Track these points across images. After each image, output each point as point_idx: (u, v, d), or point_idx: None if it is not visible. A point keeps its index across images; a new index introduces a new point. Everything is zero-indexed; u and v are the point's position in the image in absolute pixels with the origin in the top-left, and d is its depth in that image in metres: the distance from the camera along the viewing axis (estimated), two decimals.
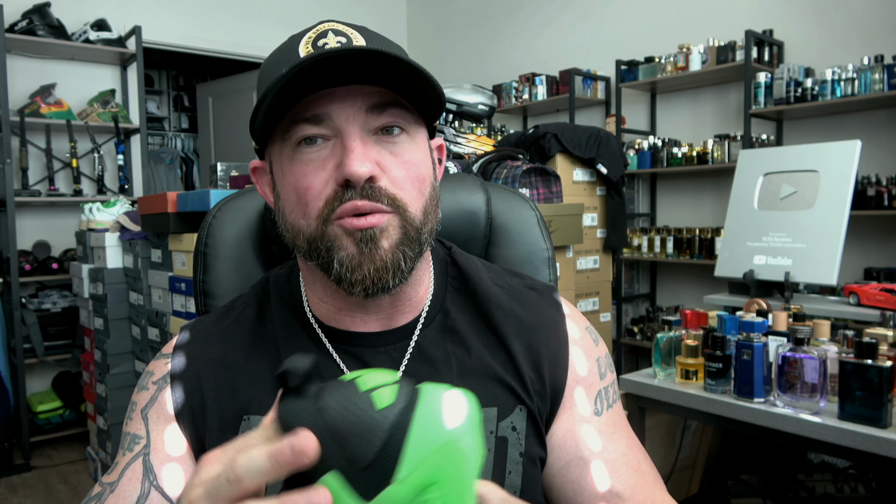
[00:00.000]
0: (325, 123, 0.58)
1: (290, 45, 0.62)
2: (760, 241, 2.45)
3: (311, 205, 0.59)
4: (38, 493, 2.87)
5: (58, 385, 3.52)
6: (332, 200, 0.58)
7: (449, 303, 0.70)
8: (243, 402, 0.63)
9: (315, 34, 0.61)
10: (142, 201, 2.19)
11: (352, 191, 0.58)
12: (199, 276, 0.86)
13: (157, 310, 2.24)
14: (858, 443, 1.29)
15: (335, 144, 0.59)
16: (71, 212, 3.65)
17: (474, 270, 0.73)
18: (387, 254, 0.59)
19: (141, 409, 0.66)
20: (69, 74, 3.74)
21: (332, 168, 0.58)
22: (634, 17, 4.08)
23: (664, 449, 1.99)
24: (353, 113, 0.58)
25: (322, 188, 0.59)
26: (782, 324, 1.56)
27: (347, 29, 0.62)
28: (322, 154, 0.59)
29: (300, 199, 0.60)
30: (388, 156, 0.60)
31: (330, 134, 0.59)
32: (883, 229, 3.08)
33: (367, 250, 0.58)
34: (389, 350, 0.66)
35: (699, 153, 3.60)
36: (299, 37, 0.62)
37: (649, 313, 3.94)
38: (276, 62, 0.61)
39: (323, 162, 0.59)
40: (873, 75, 2.90)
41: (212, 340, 0.68)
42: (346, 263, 0.59)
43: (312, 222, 0.60)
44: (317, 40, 0.60)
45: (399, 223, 0.60)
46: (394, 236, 0.60)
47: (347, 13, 5.14)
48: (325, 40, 0.60)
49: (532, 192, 2.21)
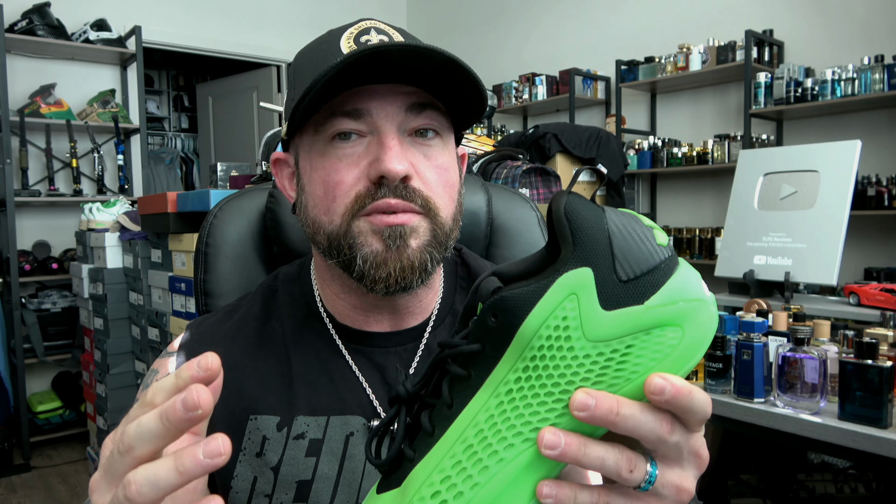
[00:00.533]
0: (363, 119, 0.57)
1: (329, 38, 0.61)
2: (760, 241, 2.45)
3: (339, 200, 0.58)
4: (38, 493, 2.87)
5: (58, 385, 3.52)
6: (363, 196, 0.57)
7: (458, 304, 0.70)
8: (249, 402, 0.63)
9: (357, 30, 0.60)
10: (142, 201, 2.19)
11: (385, 189, 0.57)
12: (199, 275, 0.86)
13: (157, 310, 2.24)
14: (858, 443, 1.29)
15: (370, 142, 0.58)
16: (71, 212, 3.65)
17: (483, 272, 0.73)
18: (414, 253, 0.58)
19: None
20: (69, 74, 3.74)
21: (365, 165, 0.58)
22: (634, 17, 4.08)
23: None
24: (393, 111, 0.58)
25: (353, 184, 0.58)
26: (782, 324, 1.56)
27: (389, 28, 0.61)
28: (356, 150, 0.58)
29: (328, 194, 0.59)
30: (422, 158, 0.59)
31: (366, 130, 0.58)
32: (883, 229, 3.08)
33: (394, 248, 0.57)
34: (400, 351, 0.65)
35: (699, 153, 3.60)
36: (339, 32, 0.61)
37: None
38: (315, 55, 0.60)
39: (356, 158, 0.58)
40: (873, 75, 2.90)
41: (217, 339, 0.67)
42: (371, 260, 0.58)
43: (337, 218, 0.59)
44: (359, 36, 0.59)
45: (429, 225, 0.59)
46: (423, 237, 0.59)
47: (347, 13, 5.14)
48: (367, 37, 0.59)
49: (532, 192, 2.21)
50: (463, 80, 0.57)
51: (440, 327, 0.68)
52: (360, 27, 0.60)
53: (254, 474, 0.61)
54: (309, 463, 0.61)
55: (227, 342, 0.67)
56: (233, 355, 0.65)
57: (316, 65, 0.58)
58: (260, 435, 0.61)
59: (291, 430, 0.61)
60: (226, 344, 0.66)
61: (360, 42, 0.58)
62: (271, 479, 0.60)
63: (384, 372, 0.64)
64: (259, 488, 0.60)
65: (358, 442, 0.62)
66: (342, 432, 0.62)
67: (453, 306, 0.70)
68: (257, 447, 0.61)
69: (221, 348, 0.66)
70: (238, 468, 0.61)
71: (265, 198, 0.88)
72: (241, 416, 0.62)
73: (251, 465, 0.61)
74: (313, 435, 0.61)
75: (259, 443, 0.61)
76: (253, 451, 0.61)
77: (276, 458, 0.61)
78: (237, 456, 0.61)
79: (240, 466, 0.61)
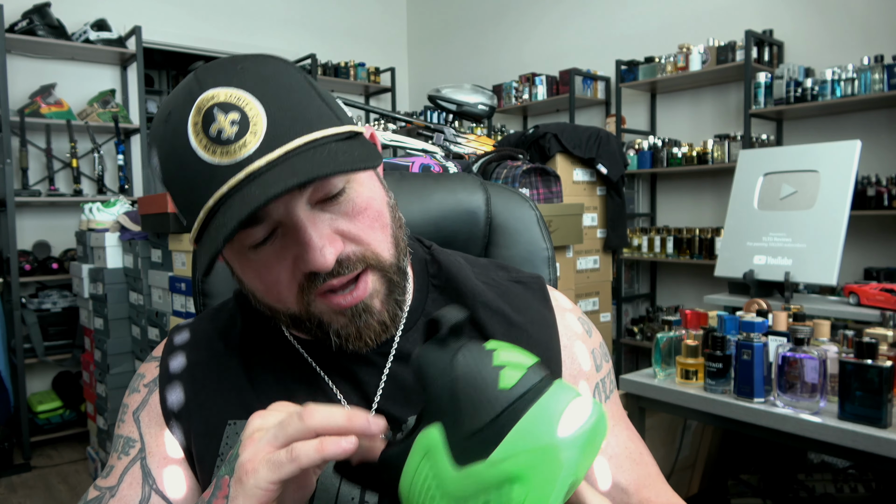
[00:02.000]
0: (266, 221, 0.53)
1: (177, 132, 0.52)
2: (760, 241, 2.45)
3: (285, 293, 0.56)
4: (38, 493, 2.87)
5: (58, 385, 3.52)
6: (306, 287, 0.55)
7: (431, 305, 0.68)
8: (229, 408, 0.63)
9: (199, 118, 0.51)
10: (142, 201, 2.19)
11: (321, 275, 0.55)
12: (198, 275, 0.86)
13: (157, 310, 2.24)
14: (858, 443, 1.29)
15: (284, 233, 0.54)
16: (71, 212, 3.65)
17: (457, 268, 0.70)
18: (382, 313, 0.58)
19: (133, 411, 0.66)
20: (69, 74, 3.74)
21: (291, 259, 0.54)
22: (634, 17, 4.08)
23: (664, 449, 1.98)
24: (293, 205, 0.53)
25: (290, 279, 0.55)
26: (782, 324, 1.56)
27: (234, 94, 0.51)
28: (276, 249, 0.55)
29: (270, 291, 0.57)
30: (340, 219, 0.55)
31: (273, 225, 0.54)
32: (883, 229, 3.08)
33: (362, 322, 0.57)
34: (371, 355, 0.64)
35: (699, 153, 3.60)
36: (181, 119, 0.52)
37: (649, 313, 3.94)
38: (175, 162, 0.53)
39: (281, 256, 0.55)
40: (873, 75, 2.90)
41: (199, 344, 0.67)
42: (343, 334, 0.58)
43: (292, 306, 0.57)
44: (206, 125, 0.50)
45: (380, 276, 0.58)
46: (382, 292, 0.58)
47: (347, 13, 5.14)
48: (214, 124, 0.50)
49: (532, 192, 2.21)
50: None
51: (411, 330, 0.66)
52: (202, 107, 0.51)
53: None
54: None
55: (207, 348, 0.67)
56: (214, 360, 0.66)
57: (181, 177, 0.53)
58: (237, 439, 0.61)
59: None
60: (206, 350, 0.67)
61: (210, 135, 0.50)
62: None
63: (356, 378, 0.64)
64: None
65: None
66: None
67: (425, 308, 0.68)
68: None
69: (203, 353, 0.66)
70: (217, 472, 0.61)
71: None
72: (219, 420, 0.62)
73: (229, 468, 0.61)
74: None
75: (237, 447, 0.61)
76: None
77: None
78: (216, 461, 0.61)
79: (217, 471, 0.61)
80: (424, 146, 2.11)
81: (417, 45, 5.59)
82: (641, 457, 0.68)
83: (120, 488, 0.61)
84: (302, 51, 4.75)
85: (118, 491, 0.61)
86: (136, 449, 0.63)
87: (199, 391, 0.64)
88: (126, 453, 0.63)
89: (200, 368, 0.66)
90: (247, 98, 0.51)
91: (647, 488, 0.66)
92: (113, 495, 0.60)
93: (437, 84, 3.71)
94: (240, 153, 0.50)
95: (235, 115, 0.50)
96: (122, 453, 0.63)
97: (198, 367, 0.66)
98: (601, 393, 0.70)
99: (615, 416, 0.70)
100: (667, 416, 1.88)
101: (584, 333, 0.72)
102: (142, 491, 0.60)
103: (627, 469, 0.66)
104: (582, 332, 0.72)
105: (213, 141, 0.50)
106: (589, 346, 0.71)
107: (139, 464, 0.62)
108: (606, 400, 0.70)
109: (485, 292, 0.69)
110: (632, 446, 0.68)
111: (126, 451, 0.63)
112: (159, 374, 0.66)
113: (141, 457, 0.62)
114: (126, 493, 0.60)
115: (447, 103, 2.31)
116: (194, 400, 0.64)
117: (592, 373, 0.70)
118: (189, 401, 0.64)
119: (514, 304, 0.69)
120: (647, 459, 0.68)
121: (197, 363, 0.66)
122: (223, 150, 0.50)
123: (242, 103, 0.51)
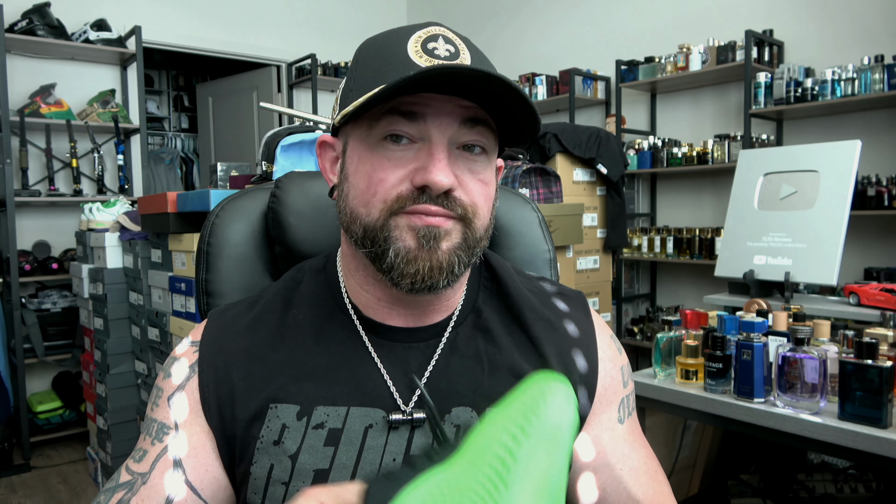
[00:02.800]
0: (417, 123, 0.59)
1: (396, 38, 0.62)
2: (760, 241, 2.45)
3: (380, 196, 0.60)
4: (38, 493, 2.87)
5: (58, 385, 3.52)
6: (404, 198, 0.59)
7: (481, 303, 0.71)
8: (271, 391, 0.63)
9: (426, 35, 0.61)
10: (142, 201, 2.19)
11: (426, 196, 0.59)
12: (201, 275, 0.86)
13: (157, 310, 2.24)
14: (858, 443, 1.29)
15: (420, 148, 0.59)
16: (71, 212, 3.65)
17: (507, 273, 0.74)
18: (444, 255, 0.60)
19: (168, 396, 0.65)
20: (69, 74, 3.74)
21: (411, 169, 0.59)
22: (634, 17, 4.08)
23: (664, 449, 1.99)
24: (447, 122, 0.59)
25: (396, 184, 0.59)
26: (782, 324, 1.56)
27: (455, 38, 0.62)
28: (406, 154, 0.59)
29: (370, 188, 0.60)
30: (467, 172, 0.61)
31: (417, 136, 0.59)
32: (883, 229, 3.08)
33: (426, 247, 0.59)
34: (422, 346, 0.66)
35: (699, 153, 3.61)
36: (406, 33, 0.61)
37: (649, 313, 3.94)
38: (381, 51, 0.61)
39: (405, 161, 0.59)
40: (873, 75, 2.90)
41: (238, 330, 0.68)
42: (403, 255, 0.60)
43: (375, 212, 0.60)
44: (426, 42, 0.60)
45: (462, 230, 0.61)
46: (455, 239, 0.61)
47: (347, 13, 5.14)
48: (434, 44, 0.60)
49: (532, 192, 2.22)
50: (519, 105, 0.58)
51: (462, 325, 0.69)
52: (428, 32, 0.61)
53: (270, 462, 0.61)
54: (327, 452, 0.61)
55: (249, 333, 0.67)
56: (255, 346, 0.66)
57: (380, 62, 0.60)
58: (279, 423, 0.62)
59: (311, 420, 0.62)
60: (248, 335, 0.67)
61: (427, 49, 0.60)
62: (289, 468, 0.61)
63: (405, 366, 0.65)
64: (276, 476, 0.61)
65: (377, 434, 0.62)
66: (361, 423, 0.63)
67: (476, 304, 0.71)
68: (276, 435, 0.62)
69: (244, 339, 0.67)
70: (256, 455, 0.62)
71: (267, 198, 0.88)
72: (262, 404, 0.63)
73: (268, 452, 0.62)
74: (332, 425, 0.62)
75: (278, 431, 0.62)
76: (271, 439, 0.62)
77: (294, 446, 0.61)
78: (255, 444, 0.62)
79: (258, 454, 0.62)
80: None
81: None
82: (657, 474, 0.71)
83: (151, 476, 0.61)
84: (302, 51, 4.75)
85: (149, 479, 0.61)
86: (170, 436, 0.63)
87: (241, 377, 0.65)
88: (160, 440, 0.63)
89: (240, 354, 0.66)
90: (464, 47, 0.62)
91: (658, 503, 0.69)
92: (144, 482, 0.61)
93: None
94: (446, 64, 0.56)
95: (451, 48, 0.61)
96: (156, 439, 0.63)
97: (237, 352, 0.66)
98: (626, 409, 0.73)
99: (635, 432, 0.73)
100: (667, 416, 1.88)
101: (617, 351, 0.76)
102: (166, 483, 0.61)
103: (645, 484, 0.69)
104: (615, 350, 0.75)
105: (427, 52, 0.59)
106: (619, 363, 0.75)
107: (170, 452, 0.62)
108: (629, 416, 0.74)
109: (531, 298, 0.72)
110: (650, 463, 0.71)
111: (160, 438, 0.63)
112: (197, 361, 0.66)
113: (173, 444, 0.63)
114: (156, 482, 0.60)
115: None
116: (236, 385, 0.64)
117: (620, 389, 0.73)
118: (231, 386, 0.64)
119: (556, 313, 0.73)
120: (661, 478, 0.71)
121: (236, 349, 0.66)
122: (431, 59, 0.59)
123: (460, 46, 0.62)
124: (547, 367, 0.68)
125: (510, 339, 0.69)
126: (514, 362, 0.67)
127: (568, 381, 0.44)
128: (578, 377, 0.69)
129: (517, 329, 0.70)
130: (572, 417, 0.44)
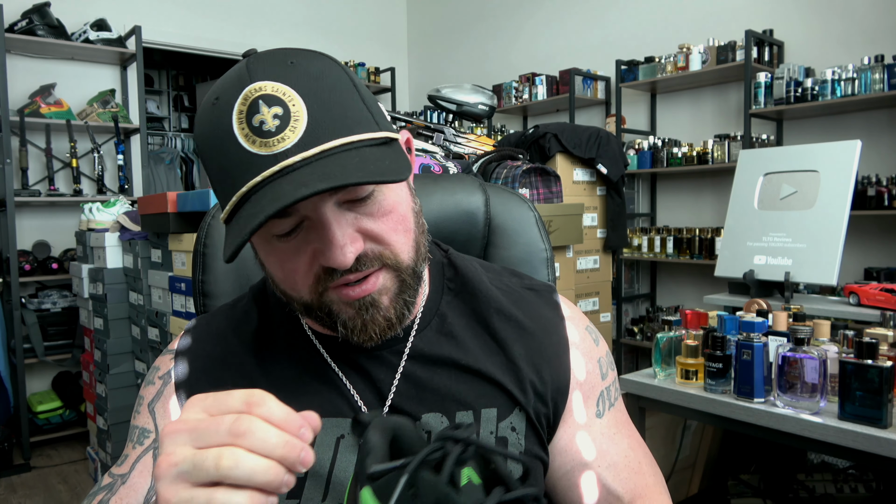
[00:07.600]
0: (292, 217, 0.55)
1: (220, 120, 0.54)
2: (760, 241, 2.45)
3: (301, 282, 0.58)
4: (38, 493, 2.87)
5: (58, 385, 3.52)
6: (322, 278, 0.57)
7: (445, 306, 0.70)
8: None
9: (247, 105, 0.53)
10: (142, 201, 2.19)
11: (339, 271, 0.56)
12: (198, 276, 0.86)
13: (157, 310, 2.24)
14: (858, 443, 1.28)
15: (308, 227, 0.56)
16: (71, 212, 3.65)
17: (473, 273, 0.72)
18: (388, 310, 0.59)
19: (148, 403, 0.68)
20: (69, 74, 3.74)
21: (311, 253, 0.56)
22: (634, 17, 4.08)
23: (664, 449, 1.98)
24: (319, 200, 0.54)
25: (307, 269, 0.57)
26: (782, 324, 1.56)
27: (279, 88, 0.53)
28: (299, 240, 0.57)
29: (287, 278, 0.59)
30: (365, 218, 0.57)
31: (299, 222, 0.56)
32: (883, 229, 3.08)
33: (368, 316, 0.59)
34: (385, 354, 0.66)
35: (699, 153, 3.60)
36: (227, 107, 0.54)
37: (649, 313, 3.94)
38: (214, 143, 0.55)
39: (304, 245, 0.57)
40: (873, 75, 2.89)
41: (214, 340, 0.69)
42: (350, 326, 0.59)
43: (305, 295, 0.59)
44: (250, 116, 0.52)
45: (393, 275, 0.59)
46: (392, 289, 0.59)
47: (347, 14, 5.14)
48: (259, 115, 0.52)
49: (532, 192, 2.21)
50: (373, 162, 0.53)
51: (426, 329, 0.68)
52: (248, 98, 0.53)
53: None
54: None
55: (223, 342, 0.68)
56: (230, 355, 0.67)
57: (220, 155, 0.54)
58: None
59: None
60: (223, 344, 0.68)
61: (252, 126, 0.52)
62: None
63: (369, 375, 0.65)
64: None
65: (348, 444, 0.63)
66: (333, 434, 0.63)
67: (439, 308, 0.70)
68: None
69: (218, 347, 0.68)
70: None
71: None
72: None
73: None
74: None
75: None
76: None
77: None
78: None
79: None
80: (424, 146, 2.11)
81: (417, 45, 5.59)
82: (640, 466, 0.69)
83: (131, 476, 0.62)
84: None
85: (129, 478, 0.62)
86: (150, 439, 0.65)
87: (213, 384, 0.65)
88: (140, 443, 0.65)
89: (214, 362, 0.67)
90: (292, 94, 0.53)
91: (641, 498, 0.67)
92: (124, 482, 0.62)
93: (437, 84, 3.71)
94: (277, 146, 0.52)
95: (278, 110, 0.52)
96: (137, 443, 0.65)
97: (212, 360, 0.67)
98: (605, 401, 0.71)
99: (618, 423, 0.71)
100: (667, 416, 1.88)
101: (592, 342, 0.74)
102: (151, 479, 0.62)
103: (625, 478, 0.67)
104: (590, 342, 0.74)
105: (255, 131, 0.52)
106: (596, 356, 0.73)
107: (151, 453, 0.64)
108: (611, 407, 0.72)
109: (499, 298, 0.71)
110: (632, 455, 0.69)
111: (140, 441, 0.65)
112: (173, 367, 0.68)
113: (154, 446, 0.64)
114: (136, 480, 0.62)
115: (447, 103, 2.31)
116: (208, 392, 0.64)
117: (598, 382, 0.72)
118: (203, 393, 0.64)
119: (526, 311, 0.71)
120: (646, 469, 0.69)
121: (211, 357, 0.67)
122: (262, 141, 0.52)
123: (287, 98, 0.53)
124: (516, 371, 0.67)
125: (476, 343, 0.68)
126: (480, 366, 0.66)
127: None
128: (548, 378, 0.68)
129: (483, 332, 0.69)
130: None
